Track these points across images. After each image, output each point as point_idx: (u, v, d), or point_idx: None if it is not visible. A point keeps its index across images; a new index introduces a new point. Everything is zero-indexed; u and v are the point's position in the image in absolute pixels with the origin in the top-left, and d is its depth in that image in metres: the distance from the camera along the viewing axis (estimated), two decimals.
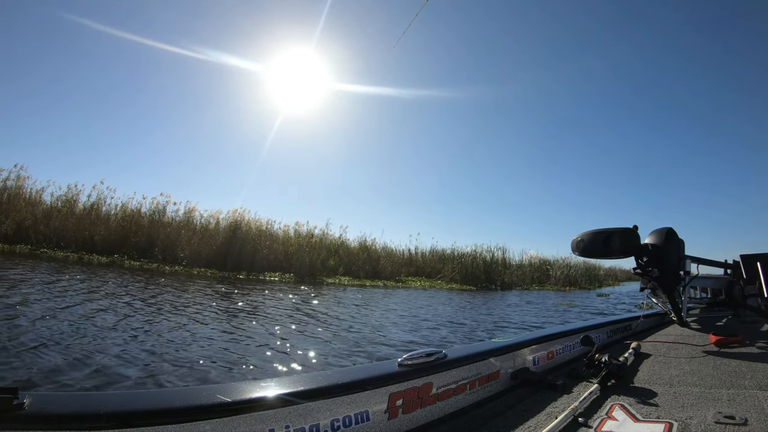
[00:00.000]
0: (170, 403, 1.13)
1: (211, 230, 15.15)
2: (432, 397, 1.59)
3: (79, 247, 13.52)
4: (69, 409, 1.02)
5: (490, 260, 18.94)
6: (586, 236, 3.24)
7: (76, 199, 15.05)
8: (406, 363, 1.56)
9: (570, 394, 1.79)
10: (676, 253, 3.44)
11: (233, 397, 1.17)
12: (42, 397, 1.02)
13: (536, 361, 2.21)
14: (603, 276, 25.43)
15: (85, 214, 14.65)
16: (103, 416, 1.00)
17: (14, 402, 0.93)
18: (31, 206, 14.19)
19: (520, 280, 18.98)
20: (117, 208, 15.19)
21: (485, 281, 17.49)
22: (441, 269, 18.03)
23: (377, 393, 1.42)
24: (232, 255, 14.20)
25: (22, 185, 14.47)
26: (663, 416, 1.47)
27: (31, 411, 0.94)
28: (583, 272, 21.54)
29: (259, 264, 14.45)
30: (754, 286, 3.61)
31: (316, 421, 1.24)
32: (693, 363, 2.22)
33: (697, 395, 1.67)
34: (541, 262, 21.34)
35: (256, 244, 14.97)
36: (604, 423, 1.45)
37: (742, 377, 1.91)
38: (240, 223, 15.41)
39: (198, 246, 14.22)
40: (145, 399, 1.23)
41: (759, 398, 1.60)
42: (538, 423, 1.51)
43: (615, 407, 1.58)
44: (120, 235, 14.15)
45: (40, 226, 13.66)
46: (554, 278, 19.97)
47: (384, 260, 17.44)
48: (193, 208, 15.69)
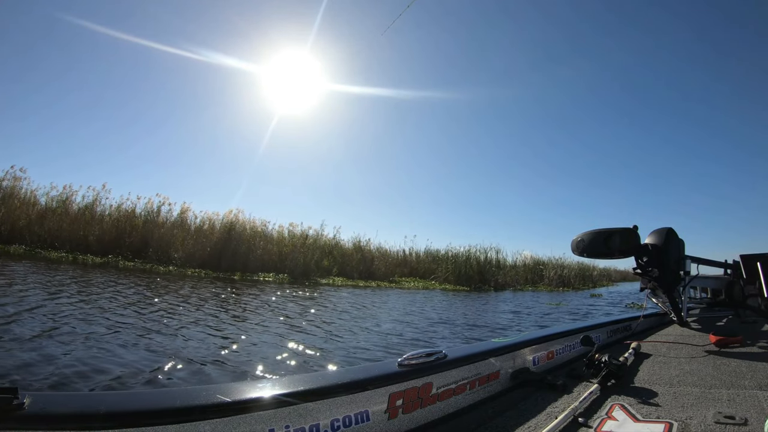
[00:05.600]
0: (170, 403, 1.12)
1: (205, 231, 15.07)
2: (432, 397, 1.59)
3: (74, 247, 13.42)
4: (69, 409, 1.01)
5: (483, 261, 18.91)
6: (586, 236, 3.25)
7: (71, 199, 14.98)
8: (406, 363, 1.55)
9: (570, 394, 1.79)
10: (676, 253, 3.46)
11: (233, 397, 1.17)
12: (42, 397, 1.01)
13: (536, 361, 2.21)
14: (597, 276, 25.49)
15: (79, 215, 14.56)
16: (103, 416, 0.99)
17: (14, 402, 0.93)
18: (26, 207, 14.07)
19: (513, 280, 18.99)
20: (111, 208, 15.15)
21: (479, 282, 17.45)
22: (435, 270, 18.03)
23: (377, 393, 1.41)
24: (226, 256, 14.14)
25: (17, 186, 14.36)
26: (663, 416, 1.48)
27: (31, 411, 0.94)
28: (576, 272, 21.56)
29: (253, 265, 14.40)
30: (754, 286, 3.65)
31: (316, 421, 1.23)
32: (693, 363, 2.23)
33: (697, 395, 1.68)
34: (535, 262, 21.33)
35: (250, 244, 14.92)
36: (604, 423, 1.45)
37: (742, 377, 1.91)
38: (234, 224, 15.35)
39: (192, 247, 14.15)
40: (145, 399, 1.22)
41: (759, 398, 1.60)
42: (538, 423, 1.51)
43: (615, 407, 1.58)
44: (114, 236, 14.07)
45: (35, 227, 13.55)
46: (548, 279, 19.96)
47: (378, 261, 17.45)
48: (187, 209, 15.66)
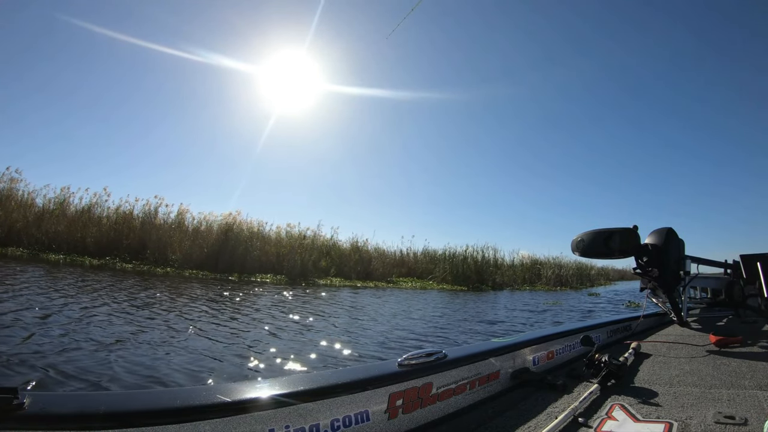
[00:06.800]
0: (170, 403, 1.12)
1: (203, 232, 15.05)
2: (432, 397, 1.59)
3: (71, 249, 13.38)
4: (69, 409, 1.01)
5: (481, 260, 18.91)
6: (586, 236, 3.24)
7: (69, 201, 14.93)
8: (406, 363, 1.55)
9: (570, 394, 1.79)
10: (676, 253, 3.46)
11: (233, 397, 1.17)
12: (42, 397, 1.01)
13: (536, 361, 2.21)
14: (594, 275, 25.54)
15: (77, 217, 14.51)
16: (103, 416, 0.99)
17: (14, 402, 0.92)
18: (23, 209, 14.02)
19: (511, 280, 19.00)
20: (109, 210, 15.11)
21: (476, 281, 17.46)
22: (432, 270, 18.00)
23: (377, 393, 1.41)
24: (223, 256, 14.12)
25: (13, 187, 14.31)
26: (663, 416, 1.48)
27: (31, 411, 0.94)
28: (574, 272, 21.61)
29: (250, 265, 14.37)
30: (754, 286, 3.65)
31: (316, 421, 1.23)
32: (693, 363, 2.23)
33: (697, 395, 1.68)
34: (533, 262, 21.36)
35: (247, 245, 14.89)
36: (604, 423, 1.45)
37: (742, 377, 1.92)
38: (232, 225, 15.32)
39: (190, 248, 14.12)
40: (145, 399, 1.21)
41: (759, 398, 1.60)
42: (538, 423, 1.51)
43: (615, 407, 1.58)
44: (112, 238, 14.03)
45: (32, 229, 13.50)
46: (545, 278, 19.99)
47: (376, 261, 17.40)
48: (185, 210, 15.62)
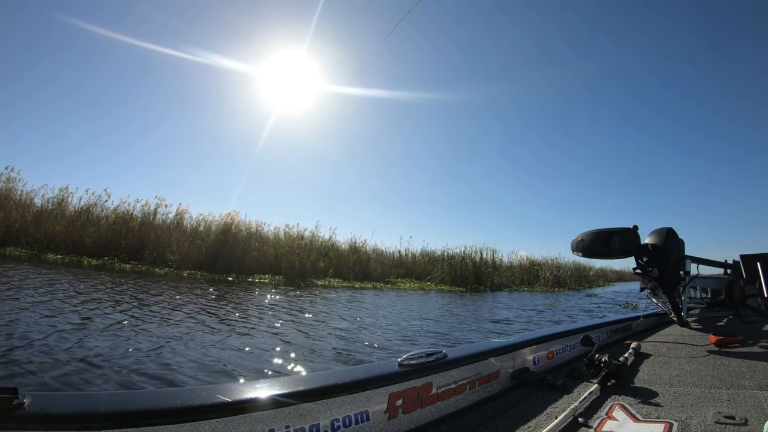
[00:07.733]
0: (170, 403, 1.12)
1: (201, 233, 15.00)
2: (432, 397, 1.59)
3: (70, 249, 13.32)
4: (69, 409, 1.01)
5: (479, 261, 18.84)
6: (586, 236, 3.24)
7: (67, 201, 14.88)
8: (406, 363, 1.55)
9: (570, 394, 1.79)
10: (676, 253, 3.46)
11: (233, 397, 1.17)
12: (42, 397, 1.01)
13: (536, 361, 2.22)
14: (593, 276, 25.53)
15: (75, 217, 14.46)
16: (103, 416, 0.99)
17: (14, 402, 0.92)
18: (21, 208, 13.98)
19: (509, 281, 18.93)
20: (108, 211, 15.04)
21: (475, 282, 17.41)
22: (431, 271, 17.94)
23: (377, 393, 1.41)
24: (222, 257, 14.07)
25: (12, 187, 14.26)
26: (663, 416, 1.48)
27: (31, 411, 0.93)
28: (572, 273, 21.58)
29: (249, 266, 14.31)
30: (754, 286, 3.66)
31: (316, 421, 1.23)
32: (693, 363, 2.24)
33: (697, 395, 1.68)
34: (531, 263, 21.30)
35: (246, 246, 14.83)
36: (604, 423, 1.45)
37: (742, 377, 1.92)
38: (230, 225, 15.28)
39: (188, 248, 14.08)
40: (145, 399, 1.21)
41: (759, 398, 1.61)
42: (538, 423, 1.51)
43: (615, 407, 1.58)
44: (111, 238, 13.96)
45: (31, 229, 13.44)
46: (544, 279, 19.94)
47: (374, 262, 17.35)
48: (183, 211, 15.56)
